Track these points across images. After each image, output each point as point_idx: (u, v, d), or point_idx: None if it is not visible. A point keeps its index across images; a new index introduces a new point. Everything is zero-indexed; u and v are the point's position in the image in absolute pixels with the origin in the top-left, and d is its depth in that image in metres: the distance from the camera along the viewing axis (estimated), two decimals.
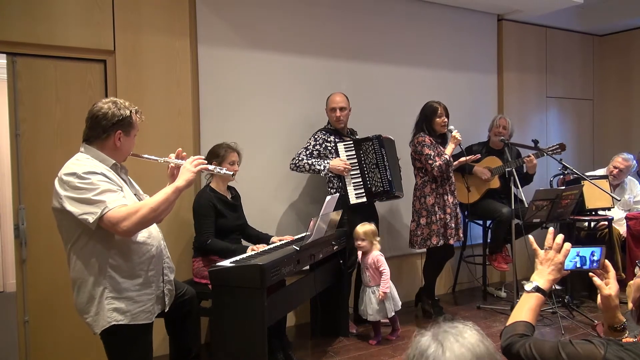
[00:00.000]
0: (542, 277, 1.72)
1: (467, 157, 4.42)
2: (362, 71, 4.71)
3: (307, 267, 3.65)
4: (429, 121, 4.31)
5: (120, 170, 2.50)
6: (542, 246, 1.79)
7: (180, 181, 2.41)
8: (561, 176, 5.15)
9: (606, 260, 1.83)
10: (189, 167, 2.45)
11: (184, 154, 2.61)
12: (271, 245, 3.49)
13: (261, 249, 3.37)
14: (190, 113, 3.89)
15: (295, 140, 4.27)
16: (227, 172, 2.66)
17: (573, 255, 1.82)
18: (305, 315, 4.42)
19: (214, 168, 2.63)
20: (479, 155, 4.69)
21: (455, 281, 5.37)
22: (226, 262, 2.93)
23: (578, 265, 1.82)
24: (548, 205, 4.17)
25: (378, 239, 3.99)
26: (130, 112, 2.44)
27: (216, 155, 3.56)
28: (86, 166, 2.29)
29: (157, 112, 3.75)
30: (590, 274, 1.82)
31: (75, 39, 3.48)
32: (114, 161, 2.42)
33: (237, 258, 3.04)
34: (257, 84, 4.18)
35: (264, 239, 3.66)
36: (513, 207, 4.33)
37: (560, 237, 1.75)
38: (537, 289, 1.68)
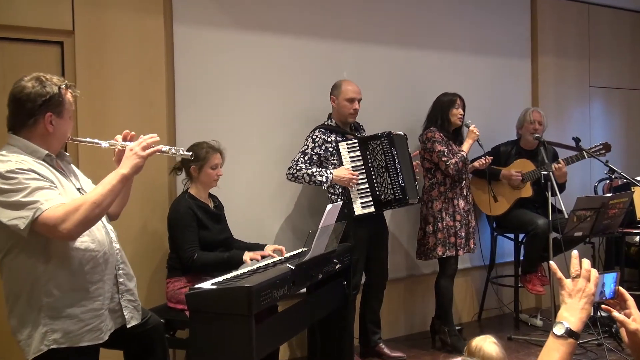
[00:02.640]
0: (573, 314, 1.65)
1: (480, 162, 4.54)
2: (371, 55, 4.71)
3: (304, 289, 3.63)
4: (445, 113, 4.43)
5: (60, 160, 2.49)
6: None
7: (125, 168, 2.37)
8: (607, 181, 5.16)
9: (620, 288, 1.78)
10: (137, 149, 2.41)
11: (133, 133, 2.56)
12: (261, 263, 3.48)
13: (261, 261, 3.40)
14: (164, 105, 3.89)
15: (293, 140, 4.25)
16: (185, 152, 2.62)
17: (613, 278, 1.78)
18: (302, 347, 4.41)
19: (169, 149, 2.58)
20: (490, 159, 4.65)
21: (482, 307, 5.36)
22: (207, 284, 2.92)
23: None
24: (592, 216, 4.17)
25: None
26: (59, 87, 2.38)
27: (196, 157, 3.55)
28: (10, 163, 2.27)
29: (125, 103, 3.75)
30: (605, 306, 1.78)
31: (26, 17, 3.48)
32: (47, 152, 2.39)
33: (221, 279, 3.03)
34: (245, 71, 4.18)
35: (256, 249, 3.66)
36: (550, 219, 4.33)
37: (587, 262, 1.71)
38: (570, 333, 1.61)
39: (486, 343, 2.71)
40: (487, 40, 5.37)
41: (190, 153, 2.67)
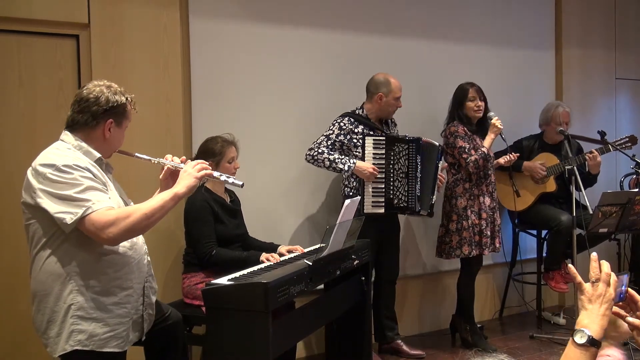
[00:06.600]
0: (594, 320, 1.61)
1: (505, 158, 4.46)
2: (392, 48, 4.70)
3: (322, 285, 3.64)
4: (460, 107, 4.38)
5: (106, 167, 2.55)
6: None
7: (181, 187, 2.45)
8: (634, 176, 5.11)
9: (630, 289, 1.75)
10: (191, 171, 2.49)
11: (183, 157, 2.64)
12: (284, 258, 3.51)
13: (280, 259, 3.41)
14: (180, 100, 3.91)
15: (312, 137, 4.24)
16: (237, 181, 2.65)
17: (624, 279, 1.74)
18: (319, 344, 4.43)
19: (220, 175, 2.65)
20: (516, 156, 4.55)
21: (503, 305, 5.34)
22: (223, 280, 2.94)
23: None
24: (618, 212, 4.14)
25: None
26: (126, 99, 2.50)
27: (211, 153, 3.55)
28: (68, 158, 2.33)
29: (140, 99, 3.64)
30: (615, 310, 1.73)
31: (41, 10, 3.51)
32: (99, 155, 2.46)
33: (237, 274, 3.05)
34: (263, 66, 4.19)
35: (270, 249, 3.68)
36: (574, 214, 4.30)
37: (607, 265, 1.68)
38: (592, 342, 1.57)
39: None
40: (510, 31, 5.33)
41: (241, 183, 2.66)
